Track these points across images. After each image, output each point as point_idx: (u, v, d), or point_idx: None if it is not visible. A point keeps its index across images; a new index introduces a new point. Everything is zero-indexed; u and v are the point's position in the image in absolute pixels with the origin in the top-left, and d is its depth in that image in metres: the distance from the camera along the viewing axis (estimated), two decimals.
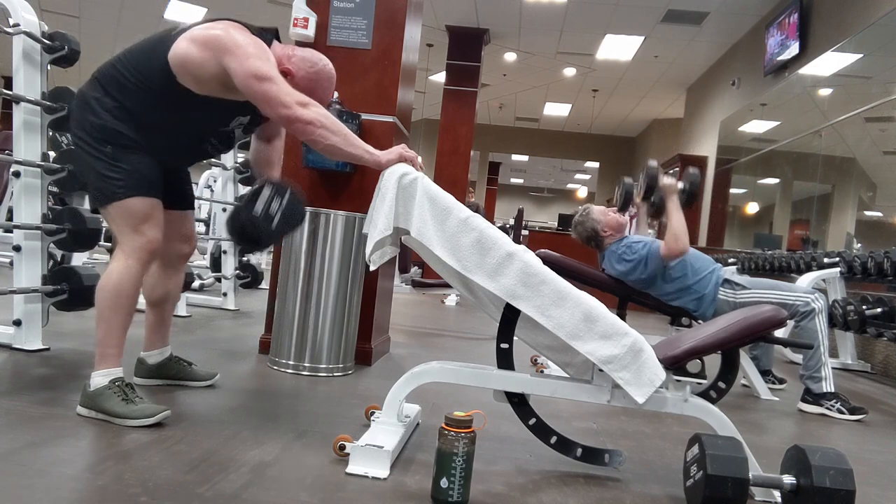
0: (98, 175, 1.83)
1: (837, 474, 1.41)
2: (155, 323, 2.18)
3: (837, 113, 6.10)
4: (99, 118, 1.82)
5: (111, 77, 1.84)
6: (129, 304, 1.84)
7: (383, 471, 1.57)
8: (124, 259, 1.83)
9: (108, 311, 1.82)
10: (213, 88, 1.83)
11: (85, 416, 1.78)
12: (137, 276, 1.84)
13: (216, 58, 1.77)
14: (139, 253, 1.83)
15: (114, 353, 1.83)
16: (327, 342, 2.64)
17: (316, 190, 2.95)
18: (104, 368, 1.81)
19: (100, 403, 1.76)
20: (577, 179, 22.18)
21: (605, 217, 3.16)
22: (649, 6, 7.93)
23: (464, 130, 9.58)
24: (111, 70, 1.85)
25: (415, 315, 5.25)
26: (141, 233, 1.83)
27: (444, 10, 8.84)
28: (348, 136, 1.80)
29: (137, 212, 1.83)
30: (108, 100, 1.82)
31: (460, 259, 1.66)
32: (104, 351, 1.83)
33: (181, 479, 1.44)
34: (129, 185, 1.82)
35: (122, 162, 1.81)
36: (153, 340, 2.18)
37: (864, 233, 5.79)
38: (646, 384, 1.59)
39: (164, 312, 2.19)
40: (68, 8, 9.51)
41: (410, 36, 3.09)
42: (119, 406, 1.75)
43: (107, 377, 1.80)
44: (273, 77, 1.76)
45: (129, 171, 1.82)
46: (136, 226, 1.83)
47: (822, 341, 2.84)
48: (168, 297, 2.17)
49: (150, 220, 1.85)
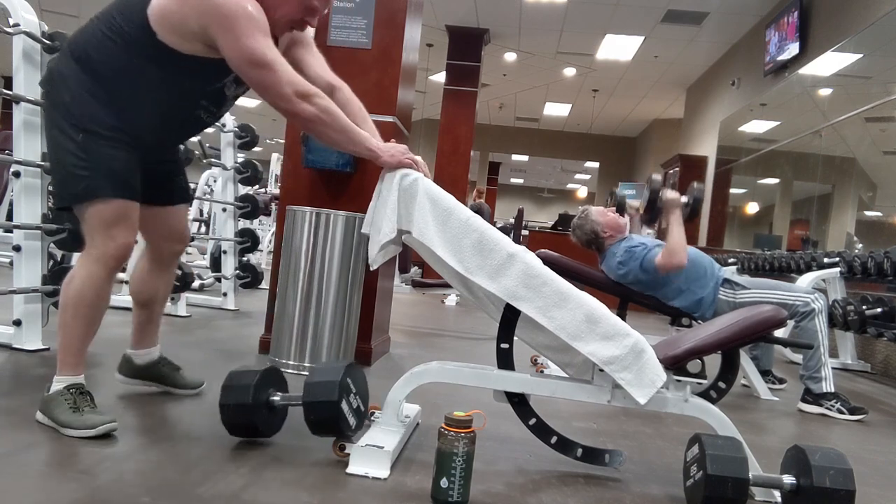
0: (65, 171, 1.68)
1: (837, 474, 1.41)
2: (142, 322, 2.05)
3: (837, 113, 6.10)
4: (74, 97, 1.65)
5: (86, 41, 1.67)
6: (92, 314, 1.72)
7: (383, 471, 1.57)
8: (88, 265, 1.69)
9: (70, 319, 1.70)
10: (199, 48, 1.65)
11: (41, 423, 1.69)
12: (102, 283, 1.70)
13: (199, 21, 1.59)
14: (105, 259, 1.68)
15: (73, 360, 1.72)
16: (327, 342, 2.64)
17: (316, 190, 2.95)
18: (63, 375, 1.71)
19: (50, 409, 1.67)
20: (577, 179, 22.19)
21: (603, 218, 3.15)
22: (649, 6, 7.93)
23: (464, 130, 9.58)
24: (84, 35, 1.68)
25: (415, 315, 5.25)
26: (111, 237, 1.68)
27: (444, 10, 8.84)
28: (350, 133, 1.71)
29: (108, 215, 1.67)
30: (84, 75, 1.65)
31: (462, 260, 1.66)
32: (64, 358, 1.72)
33: (181, 478, 1.44)
34: (101, 185, 1.66)
35: (93, 156, 1.65)
36: (140, 340, 2.05)
37: (864, 233, 5.79)
38: (647, 385, 1.59)
39: (152, 313, 2.05)
40: (68, 8, 9.51)
41: (410, 36, 3.09)
42: (64, 414, 1.64)
43: (62, 383, 1.69)
44: (270, 62, 1.61)
45: (100, 169, 1.65)
46: (105, 229, 1.67)
47: (822, 341, 2.84)
48: (156, 297, 2.03)
49: (122, 223, 1.69)
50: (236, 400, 1.66)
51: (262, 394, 1.69)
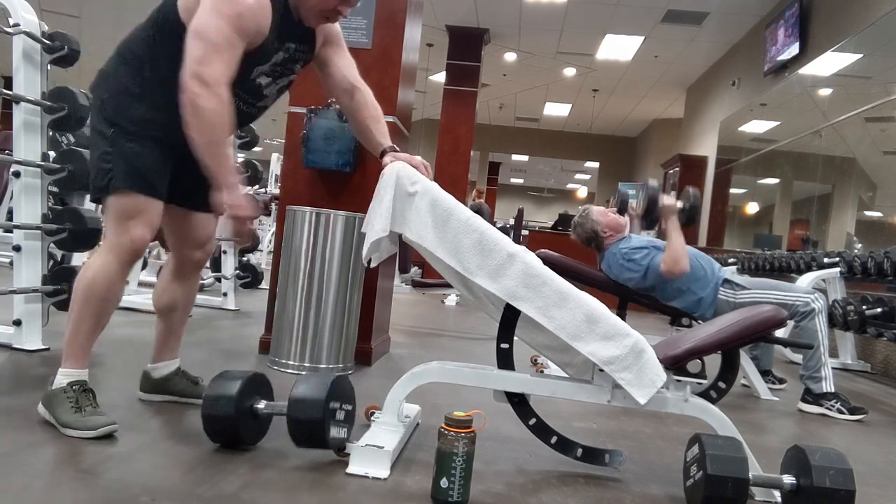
0: (95, 164, 1.74)
1: (837, 474, 1.41)
2: (163, 333, 2.02)
3: (837, 113, 6.10)
4: (111, 94, 1.73)
5: (130, 40, 1.74)
6: (100, 305, 1.72)
7: (383, 471, 1.57)
8: (104, 254, 1.72)
9: (79, 308, 1.71)
10: None
11: (41, 415, 1.70)
12: (114, 274, 1.71)
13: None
14: (118, 250, 1.71)
15: (78, 353, 1.72)
16: (327, 342, 2.64)
17: (316, 190, 2.95)
18: (69, 368, 1.71)
19: (52, 406, 1.67)
20: (577, 179, 22.18)
21: (604, 218, 3.15)
22: (649, 6, 7.93)
23: (464, 130, 9.58)
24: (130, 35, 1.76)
25: (415, 315, 5.25)
26: (125, 230, 1.70)
27: (444, 10, 8.84)
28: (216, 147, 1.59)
29: (124, 207, 1.70)
30: (122, 72, 1.73)
31: (462, 260, 1.66)
32: (70, 350, 1.72)
33: (181, 478, 1.45)
34: (120, 178, 1.69)
35: (119, 151, 1.69)
36: (160, 351, 2.02)
37: (863, 233, 5.79)
38: (647, 385, 1.59)
39: (171, 322, 2.01)
40: (68, 8, 9.50)
41: (410, 36, 3.09)
42: (66, 413, 1.63)
43: (67, 378, 1.69)
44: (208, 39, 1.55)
45: (121, 164, 1.69)
46: (121, 222, 1.71)
47: (822, 341, 2.84)
48: (174, 305, 1.99)
49: (138, 217, 1.71)
50: (219, 411, 1.60)
51: (246, 402, 1.64)
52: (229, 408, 1.60)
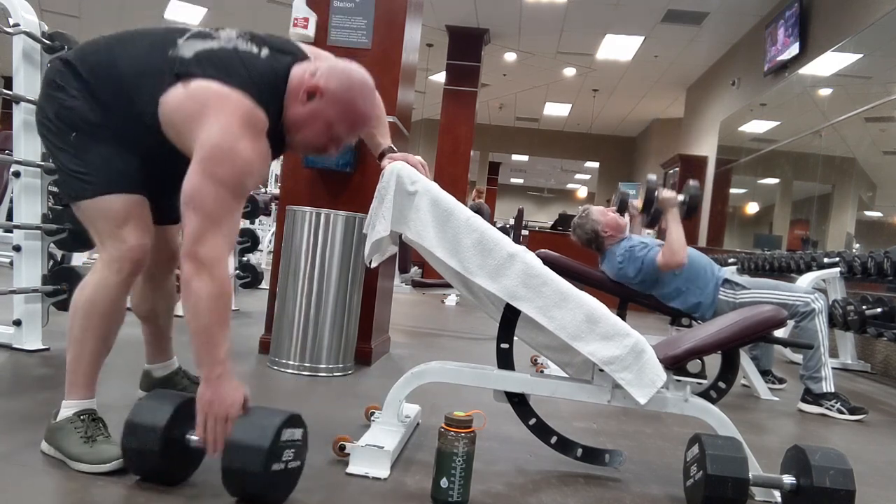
0: (63, 169, 1.52)
1: (837, 474, 1.41)
2: (151, 336, 1.93)
3: (837, 113, 6.10)
4: (69, 98, 1.49)
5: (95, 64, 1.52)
6: (105, 327, 1.53)
7: (383, 471, 1.57)
8: (101, 270, 1.52)
9: (79, 332, 1.52)
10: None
11: (46, 454, 1.50)
12: (115, 290, 1.52)
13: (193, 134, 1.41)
14: (119, 263, 1.51)
15: (83, 381, 1.53)
16: (327, 342, 2.64)
17: (316, 190, 2.95)
18: (73, 399, 1.52)
19: (58, 439, 1.47)
20: (577, 179, 22.18)
21: (604, 217, 3.15)
22: (649, 6, 7.93)
23: (464, 130, 9.58)
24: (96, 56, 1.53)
25: (415, 315, 5.25)
26: (120, 238, 1.51)
27: (444, 10, 8.84)
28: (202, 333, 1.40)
29: (113, 212, 1.51)
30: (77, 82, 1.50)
31: (462, 260, 1.66)
32: (73, 378, 1.53)
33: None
34: (101, 181, 1.50)
35: (90, 152, 1.50)
36: (154, 353, 1.96)
37: (863, 233, 5.79)
38: (647, 385, 1.59)
39: (157, 327, 1.91)
40: (68, 8, 9.51)
41: (410, 36, 3.09)
42: (75, 445, 1.45)
43: (72, 409, 1.51)
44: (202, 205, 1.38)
45: (98, 164, 1.50)
46: (113, 230, 1.51)
47: (822, 341, 2.84)
48: (156, 312, 1.88)
49: (131, 221, 1.52)
50: (140, 445, 1.35)
51: (174, 433, 1.37)
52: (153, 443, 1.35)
